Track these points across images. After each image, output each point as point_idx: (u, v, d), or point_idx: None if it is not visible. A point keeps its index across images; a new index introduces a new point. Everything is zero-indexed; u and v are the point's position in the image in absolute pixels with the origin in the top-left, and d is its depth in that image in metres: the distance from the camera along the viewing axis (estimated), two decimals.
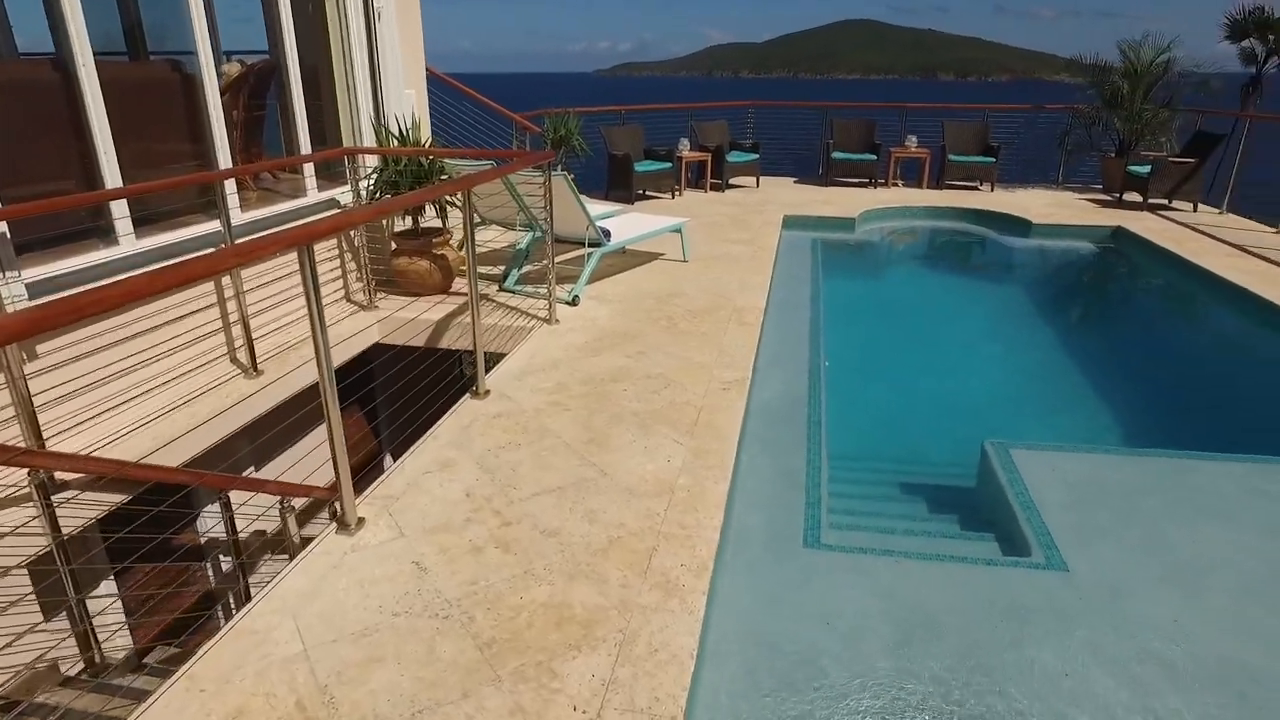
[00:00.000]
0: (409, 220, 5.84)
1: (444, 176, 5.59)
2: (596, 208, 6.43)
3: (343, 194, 5.72)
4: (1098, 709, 2.40)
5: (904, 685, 2.49)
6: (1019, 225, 9.07)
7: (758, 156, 11.10)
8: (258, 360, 4.55)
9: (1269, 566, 3.10)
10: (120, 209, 4.12)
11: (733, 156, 10.91)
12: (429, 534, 2.85)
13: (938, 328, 6.80)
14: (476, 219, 4.69)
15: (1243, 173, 9.31)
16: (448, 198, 5.58)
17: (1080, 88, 11.10)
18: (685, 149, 10.60)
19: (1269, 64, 14.93)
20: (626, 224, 6.58)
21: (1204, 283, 6.82)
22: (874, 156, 10.93)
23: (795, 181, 11.71)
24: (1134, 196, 9.94)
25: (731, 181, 11.17)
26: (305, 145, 5.52)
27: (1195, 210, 9.56)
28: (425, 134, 6.32)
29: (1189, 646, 2.68)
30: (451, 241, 5.87)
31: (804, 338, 5.59)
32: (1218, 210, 9.49)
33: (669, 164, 10.18)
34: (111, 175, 4.07)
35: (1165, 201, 9.75)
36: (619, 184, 10.03)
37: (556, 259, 5.27)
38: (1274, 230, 8.37)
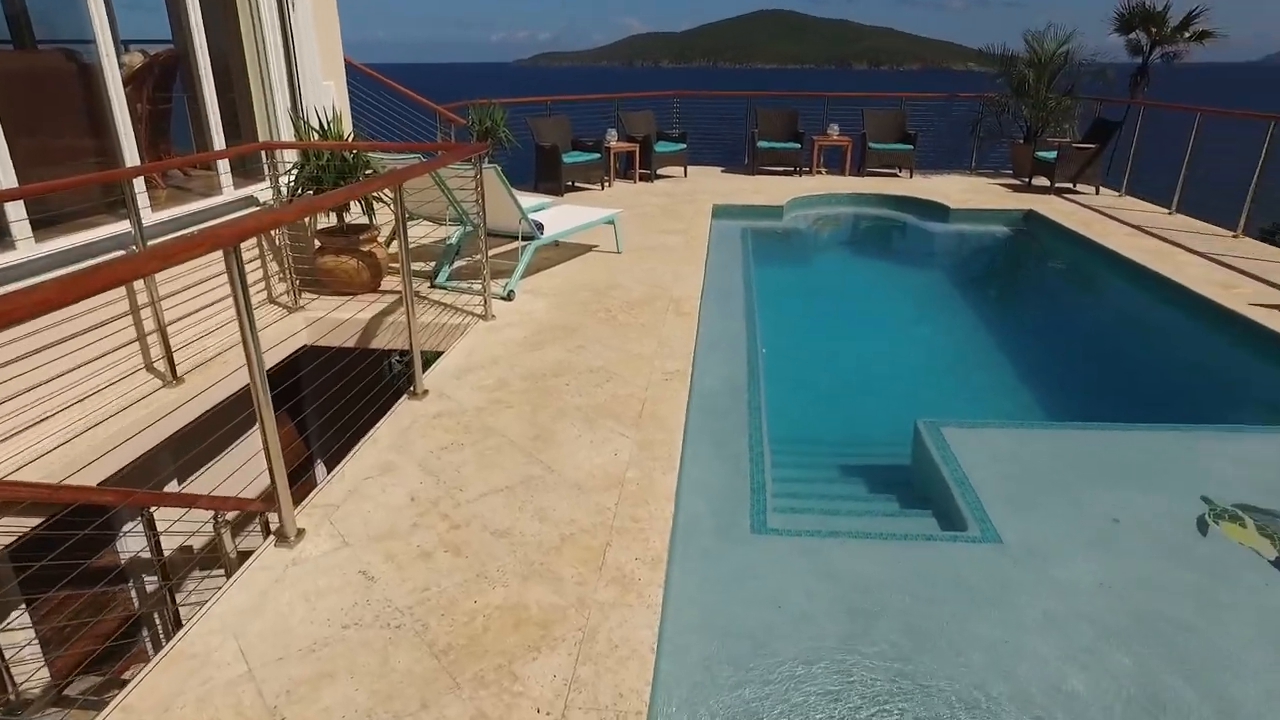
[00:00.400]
0: (333, 217, 5.64)
1: (369, 171, 5.41)
2: (527, 200, 6.35)
3: (261, 191, 5.48)
4: (1035, 670, 2.51)
5: (856, 662, 2.55)
6: (938, 210, 9.40)
7: (685, 146, 11.16)
8: (177, 369, 4.32)
9: (1179, 525, 3.31)
10: (16, 210, 3.84)
11: (660, 147, 10.93)
12: (375, 542, 2.77)
13: (867, 311, 6.99)
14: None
15: (1138, 157, 9.87)
16: (376, 193, 5.41)
17: (990, 77, 11.56)
18: (613, 140, 10.56)
19: (1154, 55, 15.95)
20: (559, 216, 6.52)
21: (1110, 262, 7.21)
22: (798, 145, 11.14)
23: (723, 170, 11.83)
24: (1042, 181, 10.42)
25: (660, 172, 11.20)
26: (218, 140, 5.26)
27: (1098, 193, 10.09)
28: (347, 127, 6.11)
29: (1115, 604, 2.84)
30: (379, 238, 5.70)
31: (740, 325, 5.66)
32: (1117, 193, 10.04)
33: (597, 155, 10.13)
34: (5, 174, 3.79)
35: (1071, 185, 10.26)
36: (548, 176, 9.93)
37: (489, 253, 5.18)
38: (1168, 211, 8.90)
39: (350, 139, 5.88)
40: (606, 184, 10.41)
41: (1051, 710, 2.38)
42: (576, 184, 10.20)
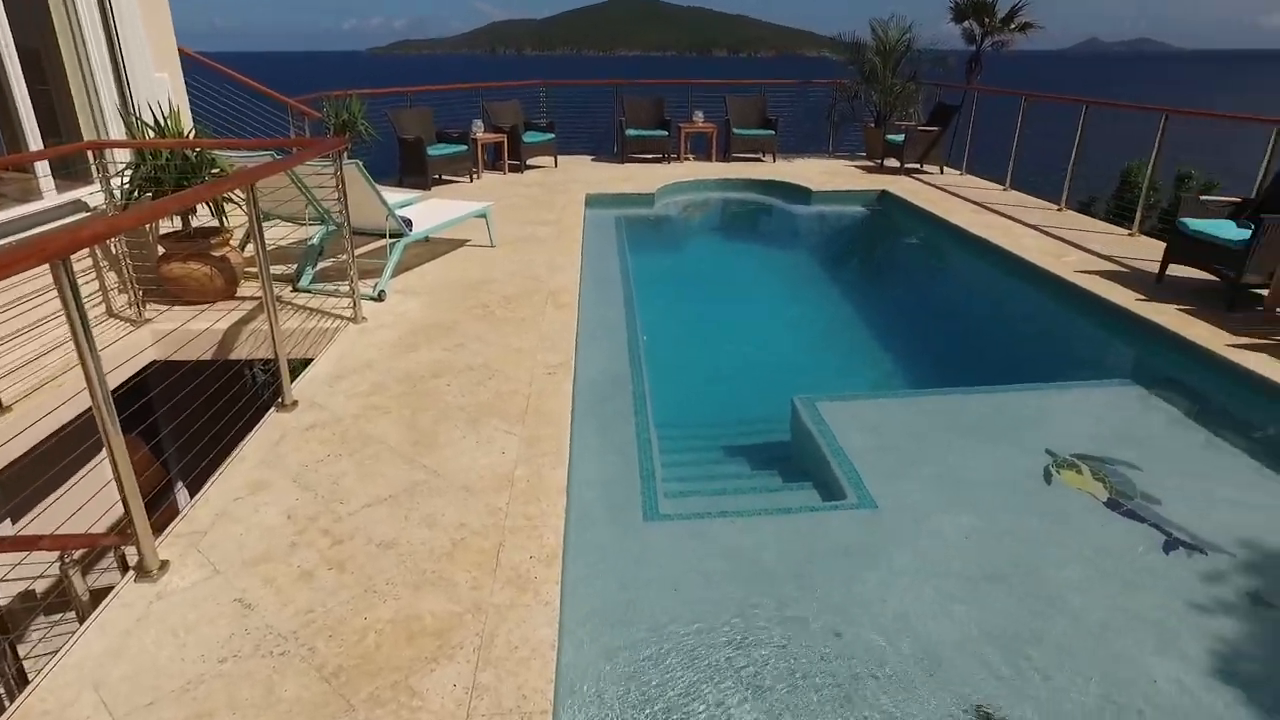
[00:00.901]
0: (178, 221, 5.21)
1: (215, 170, 5.04)
2: (393, 196, 6.11)
3: (91, 194, 4.99)
4: (915, 623, 2.69)
5: (753, 636, 2.64)
6: (801, 193, 9.79)
7: (553, 136, 11.06)
8: (2, 398, 3.88)
9: (1029, 476, 3.63)
10: None
11: (529, 137, 10.79)
12: (249, 566, 2.60)
13: (741, 293, 7.19)
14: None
15: (975, 139, 10.65)
16: (227, 194, 5.04)
17: (841, 64, 12.13)
18: (479, 131, 10.33)
19: (985, 43, 17.27)
20: (428, 212, 6.31)
21: (957, 237, 7.75)
22: (665, 132, 11.29)
23: (593, 159, 11.82)
24: (893, 162, 11.06)
25: (530, 162, 11.06)
26: (34, 140, 4.73)
27: (942, 172, 10.82)
28: (186, 124, 5.66)
29: (977, 553, 3.08)
30: (233, 241, 5.32)
31: (620, 314, 5.70)
32: (959, 172, 10.80)
33: (464, 147, 9.87)
34: None
35: (918, 166, 10.94)
36: (413, 170, 9.59)
37: (355, 253, 4.95)
38: (1003, 188, 9.67)
39: (191, 136, 5.45)
40: (475, 176, 10.18)
41: (931, 649, 2.56)
42: (444, 177, 9.91)
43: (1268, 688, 2.46)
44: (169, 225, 5.28)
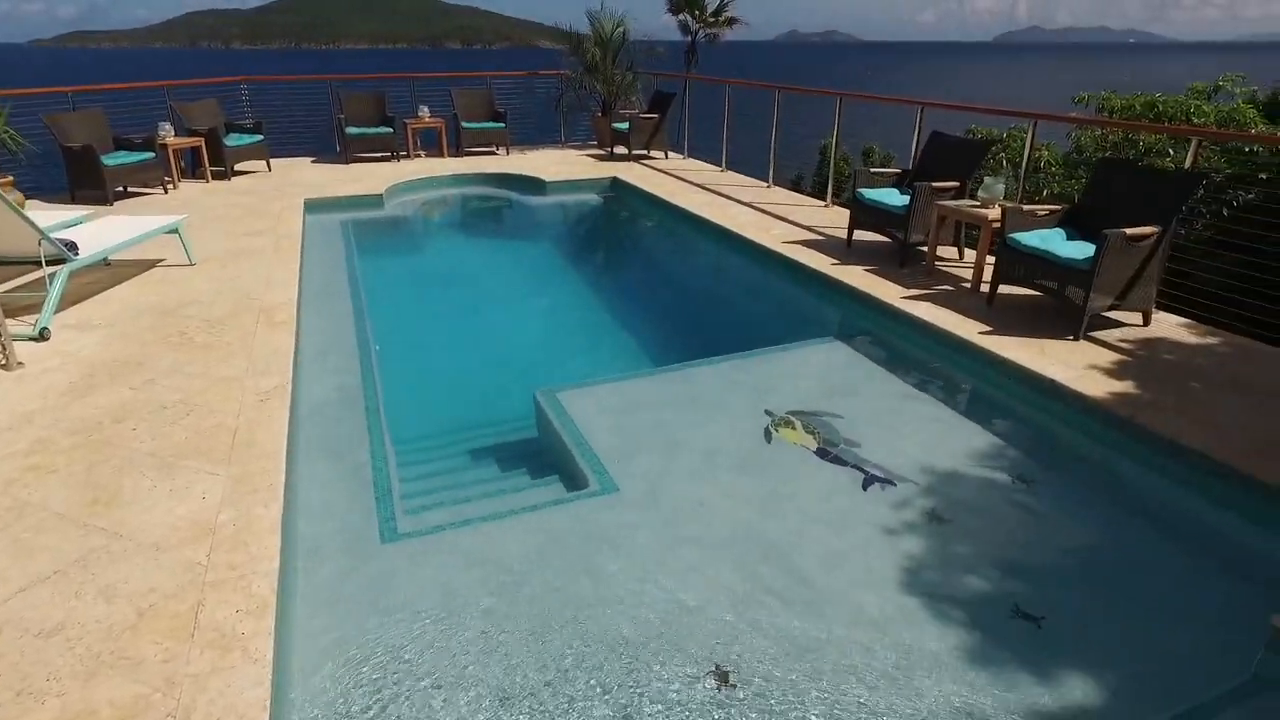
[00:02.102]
0: None
1: None
2: (55, 214, 5.21)
3: None
4: (658, 596, 2.79)
5: (502, 647, 2.58)
6: (536, 185, 9.82)
7: (262, 138, 10.08)
8: None
9: (751, 439, 3.92)
10: None
11: (232, 140, 9.73)
12: None
13: (480, 291, 7.04)
14: None
15: (694, 124, 11.37)
16: None
17: (565, 55, 12.32)
18: (169, 134, 9.12)
19: (699, 35, 18.48)
20: (101, 231, 5.45)
21: (682, 218, 8.21)
22: (390, 129, 10.75)
23: (313, 161, 10.97)
24: (622, 149, 11.46)
25: (239, 167, 10.01)
26: None
27: (667, 157, 11.41)
28: None
29: (711, 520, 3.27)
30: None
31: (349, 325, 5.32)
32: (683, 156, 11.48)
33: (152, 154, 8.66)
34: None
35: (646, 151, 11.45)
36: (86, 182, 8.25)
37: (1, 288, 4.13)
38: (720, 169, 10.42)
39: None
40: (171, 186, 8.99)
41: (673, 619, 2.66)
42: (130, 189, 8.64)
43: (943, 591, 2.87)
44: None
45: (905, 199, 5.98)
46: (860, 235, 6.59)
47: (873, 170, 6.45)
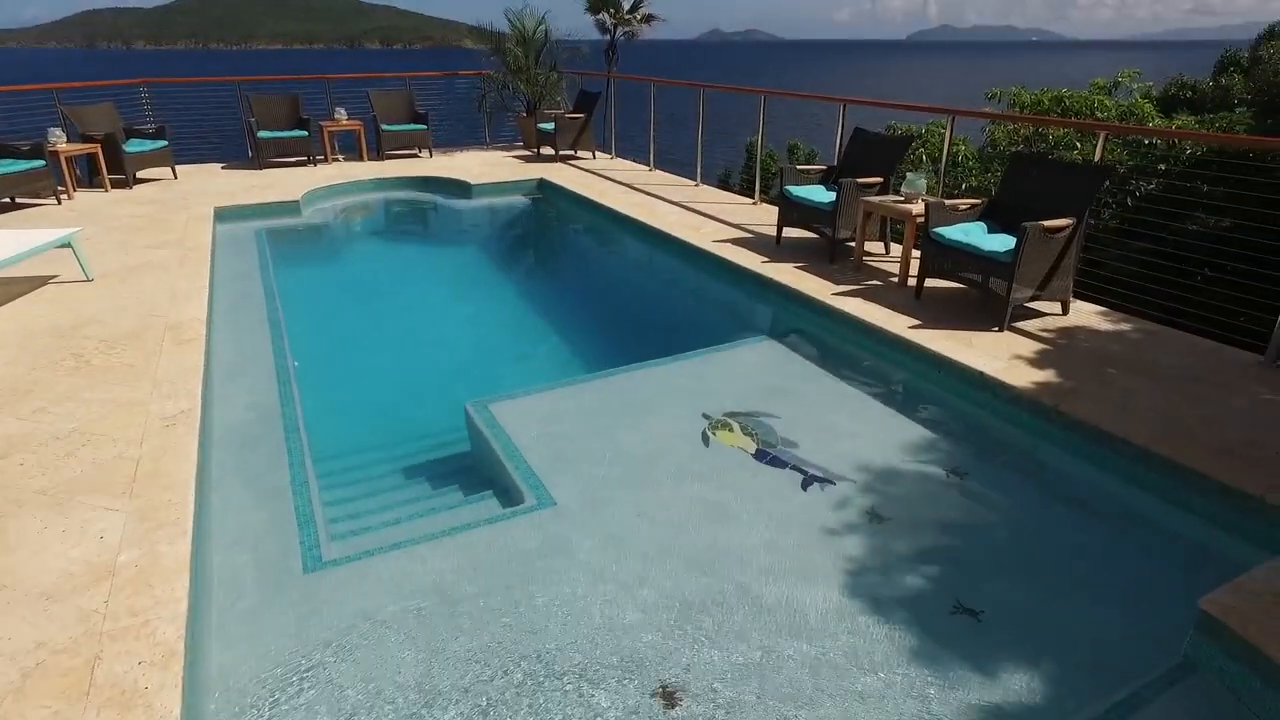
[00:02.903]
0: None
1: None
2: None
3: None
4: (605, 614, 2.69)
5: (436, 677, 2.44)
6: (461, 188, 9.58)
7: (166, 143, 9.53)
8: None
9: (689, 442, 3.86)
10: None
11: (133, 146, 9.17)
12: None
13: (407, 300, 6.80)
14: None
15: (619, 123, 11.29)
16: None
17: (486, 54, 12.07)
18: (60, 141, 8.54)
19: (618, 34, 18.41)
20: None
21: (611, 218, 8.13)
22: (304, 133, 10.32)
23: (223, 167, 10.45)
24: (548, 150, 11.30)
25: (142, 175, 9.45)
26: None
27: (594, 157, 11.31)
28: None
29: (652, 531, 3.20)
30: None
31: (265, 341, 5.04)
32: (610, 156, 11.38)
33: (40, 161, 8.09)
34: None
35: (572, 152, 11.31)
36: None
37: None
38: (648, 169, 10.38)
39: None
40: (65, 196, 8.42)
41: (616, 637, 2.57)
42: (17, 200, 8.05)
43: (885, 591, 2.86)
44: None
45: (832, 195, 6.03)
46: (790, 232, 6.63)
47: (799, 168, 6.50)
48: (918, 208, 5.32)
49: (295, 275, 6.89)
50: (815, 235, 6.41)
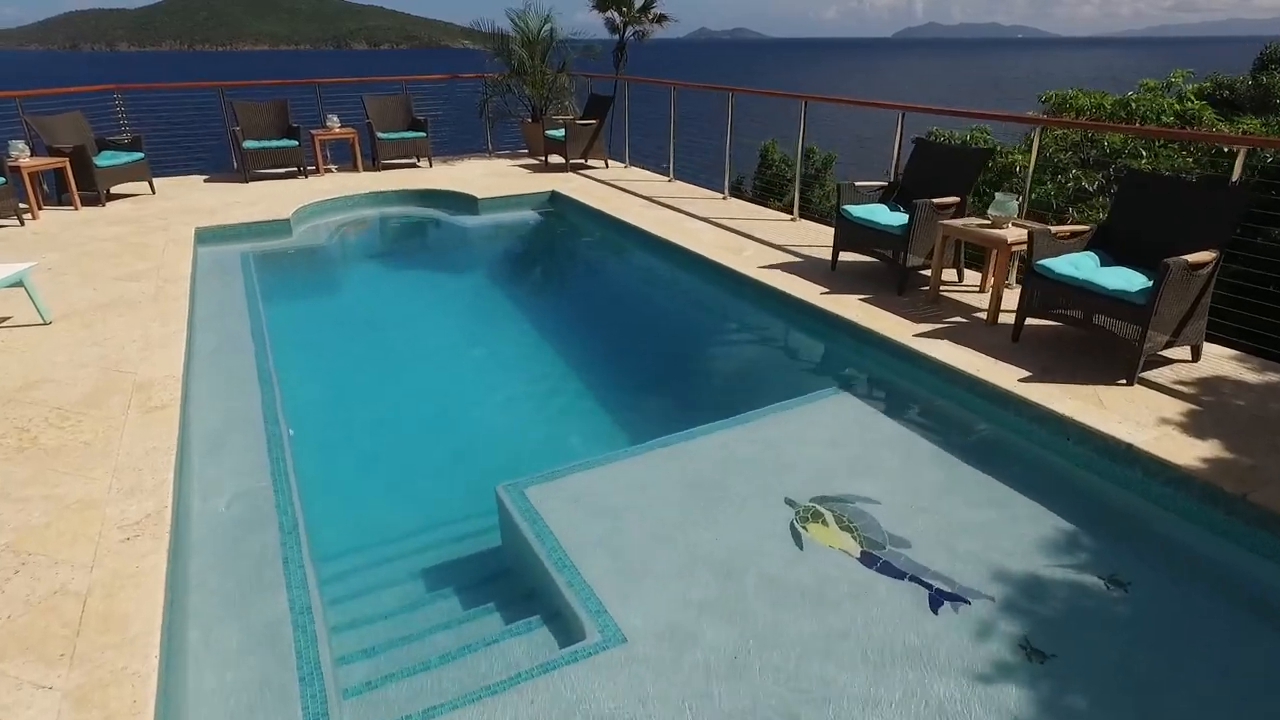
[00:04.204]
0: None
1: None
2: None
3: None
4: None
5: None
6: (466, 202, 8.80)
7: (143, 155, 8.72)
8: None
9: (777, 541, 3.11)
10: None
11: (105, 158, 8.36)
12: None
13: (413, 341, 5.95)
14: None
15: (632, 129, 10.53)
16: None
17: (487, 55, 11.30)
18: (23, 155, 7.72)
19: (627, 33, 17.63)
20: None
21: (638, 238, 7.36)
22: (294, 142, 9.52)
23: (206, 180, 9.65)
24: (557, 158, 10.53)
25: (116, 190, 8.66)
26: None
27: (607, 166, 10.55)
28: None
29: (751, 679, 2.45)
30: None
31: (254, 399, 4.27)
32: (624, 165, 10.63)
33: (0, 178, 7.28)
34: None
35: (583, 161, 10.54)
36: None
37: None
38: (667, 179, 9.63)
39: None
40: (29, 216, 7.61)
41: None
42: None
43: None
44: None
45: (901, 218, 5.30)
46: (843, 255, 5.89)
47: (857, 184, 5.75)
48: (1013, 234, 4.59)
49: (285, 310, 6.11)
50: (874, 259, 5.68)
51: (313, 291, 7.05)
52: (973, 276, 5.65)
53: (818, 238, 6.85)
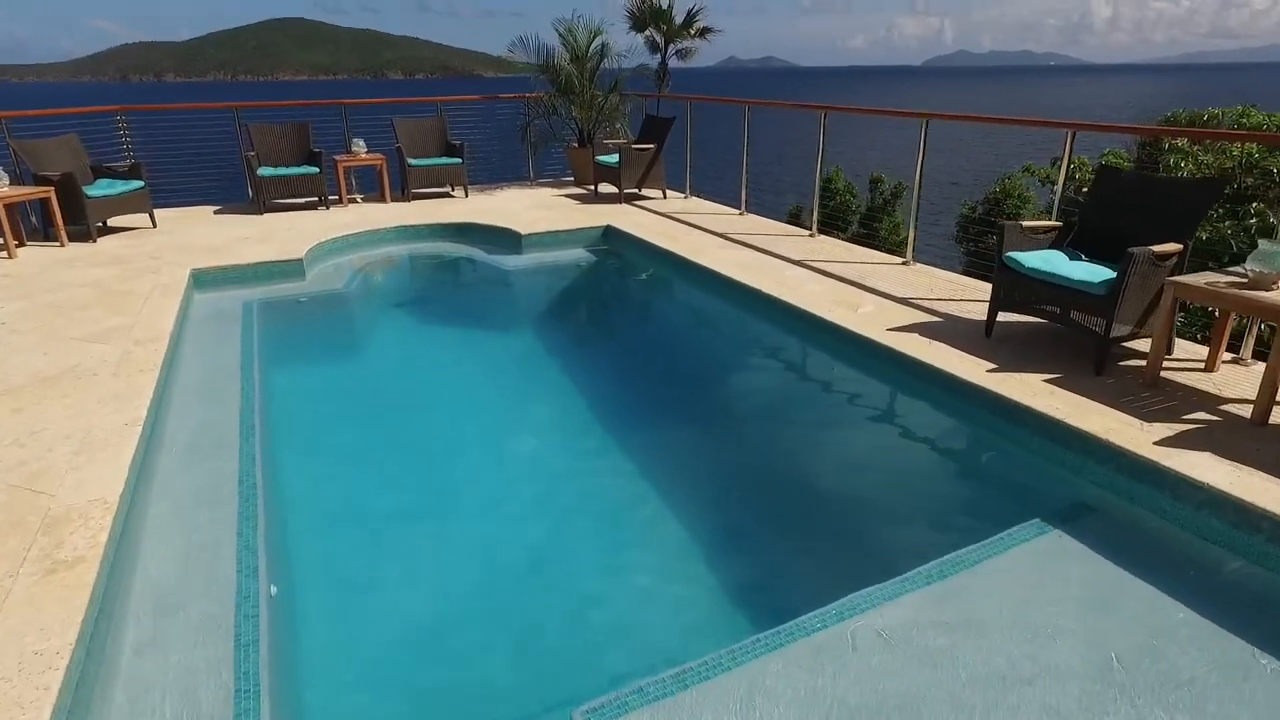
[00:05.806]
0: None
1: None
2: None
3: None
4: None
5: None
6: (508, 238, 7.57)
7: (143, 184, 7.64)
8: None
9: None
10: None
11: (97, 188, 7.29)
12: None
13: (442, 434, 4.34)
14: None
15: (693, 157, 9.30)
16: None
17: (531, 75, 10.21)
18: (1, 184, 6.67)
19: (669, 53, 16.50)
20: None
21: (720, 287, 6.03)
22: (315, 169, 8.41)
23: (216, 211, 8.57)
24: (608, 187, 9.32)
25: (112, 222, 7.64)
26: None
27: (665, 197, 9.32)
28: None
29: None
30: None
31: (226, 536, 2.99)
32: (683, 195, 9.39)
33: None
34: None
35: (637, 191, 9.32)
36: None
37: None
38: (739, 212, 8.35)
39: None
40: (3, 255, 6.53)
41: None
42: None
43: None
44: None
45: (1100, 271, 3.93)
46: (1001, 316, 4.53)
47: (1025, 224, 4.38)
48: None
49: (289, 382, 4.85)
50: (1042, 320, 4.32)
51: (325, 354, 5.51)
52: (1188, 350, 4.25)
53: (945, 289, 5.51)
